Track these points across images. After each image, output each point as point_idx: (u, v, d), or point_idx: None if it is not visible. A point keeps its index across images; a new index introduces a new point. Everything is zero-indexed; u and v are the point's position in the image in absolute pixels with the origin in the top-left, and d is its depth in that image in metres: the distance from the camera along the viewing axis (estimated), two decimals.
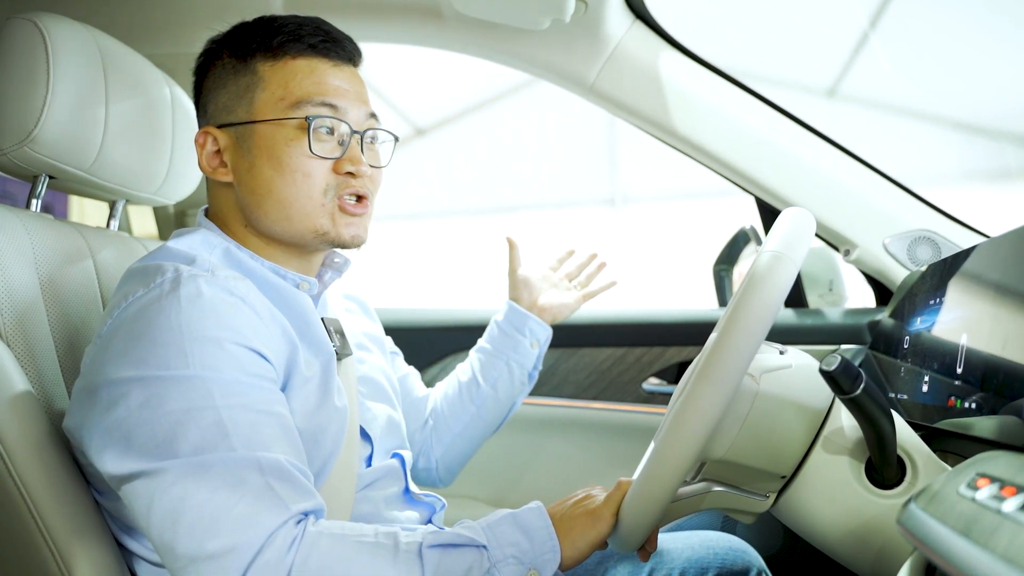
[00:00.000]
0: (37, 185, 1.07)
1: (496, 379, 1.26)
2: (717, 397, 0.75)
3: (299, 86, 0.94)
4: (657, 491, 0.79)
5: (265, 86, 0.95)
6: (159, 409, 0.78)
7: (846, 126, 4.62)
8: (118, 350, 0.82)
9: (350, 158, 0.95)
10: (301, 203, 0.93)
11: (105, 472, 0.80)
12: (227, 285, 0.85)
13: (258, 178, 0.94)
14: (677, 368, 1.58)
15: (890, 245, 1.39)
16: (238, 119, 0.95)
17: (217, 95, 0.97)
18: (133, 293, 0.84)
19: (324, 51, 0.96)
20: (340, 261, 1.04)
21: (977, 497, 0.56)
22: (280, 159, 0.93)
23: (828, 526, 0.86)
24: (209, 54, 1.00)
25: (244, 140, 0.95)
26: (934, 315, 1.03)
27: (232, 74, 0.96)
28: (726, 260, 1.69)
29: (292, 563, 0.74)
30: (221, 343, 0.81)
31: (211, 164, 0.97)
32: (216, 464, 0.76)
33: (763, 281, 0.76)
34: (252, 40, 0.96)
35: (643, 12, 1.42)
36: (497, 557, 0.81)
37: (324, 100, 0.94)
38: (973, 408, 0.83)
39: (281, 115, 0.93)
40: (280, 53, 0.95)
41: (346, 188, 0.95)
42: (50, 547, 0.84)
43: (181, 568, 0.75)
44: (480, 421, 1.26)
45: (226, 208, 0.98)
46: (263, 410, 0.81)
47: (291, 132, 0.93)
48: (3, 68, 1.00)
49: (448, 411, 1.26)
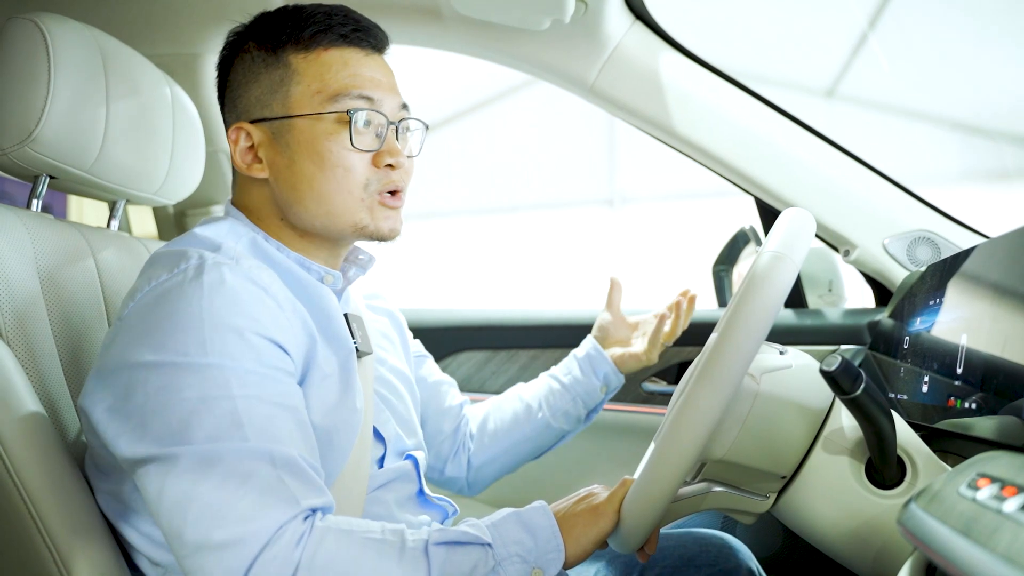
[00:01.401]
0: (38, 185, 1.07)
1: (558, 410, 1.25)
2: (717, 397, 0.75)
3: (335, 79, 0.93)
4: (658, 491, 0.80)
5: (300, 79, 0.93)
6: (175, 395, 0.78)
7: (845, 126, 4.63)
8: (138, 333, 0.81)
9: (388, 150, 0.94)
10: (343, 198, 0.93)
11: (119, 454, 0.80)
12: (250, 275, 0.85)
13: (298, 174, 0.93)
14: (677, 368, 1.58)
15: (889, 245, 1.40)
16: (274, 114, 0.94)
17: (248, 89, 0.96)
18: (156, 277, 0.84)
19: (356, 41, 0.95)
20: (365, 258, 1.04)
21: (978, 497, 0.56)
22: (321, 154, 0.92)
23: (828, 526, 0.86)
24: (233, 46, 0.98)
25: (281, 135, 0.93)
26: (934, 315, 1.03)
27: (263, 67, 0.95)
28: (725, 260, 1.70)
29: (300, 559, 0.74)
30: (241, 332, 0.81)
31: (245, 160, 0.95)
32: (228, 454, 0.76)
33: (763, 281, 0.77)
34: (281, 31, 0.94)
35: (643, 12, 1.42)
36: (502, 555, 0.82)
37: (361, 93, 0.93)
38: (973, 408, 0.84)
39: (319, 109, 0.92)
40: (312, 44, 0.93)
41: (386, 184, 0.94)
42: (48, 546, 0.84)
43: (187, 556, 0.75)
44: (528, 444, 1.26)
45: (259, 202, 0.97)
46: (279, 403, 0.81)
47: (330, 126, 0.92)
48: (4, 68, 1.00)
49: (501, 426, 1.25)
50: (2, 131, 1.00)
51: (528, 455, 1.27)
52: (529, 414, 1.25)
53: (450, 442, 1.24)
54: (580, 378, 1.26)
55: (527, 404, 1.26)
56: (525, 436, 1.25)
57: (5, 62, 1.00)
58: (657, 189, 5.52)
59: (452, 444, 1.24)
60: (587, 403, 1.26)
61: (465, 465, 1.25)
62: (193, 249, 0.86)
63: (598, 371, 1.26)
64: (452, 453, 1.24)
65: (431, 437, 1.23)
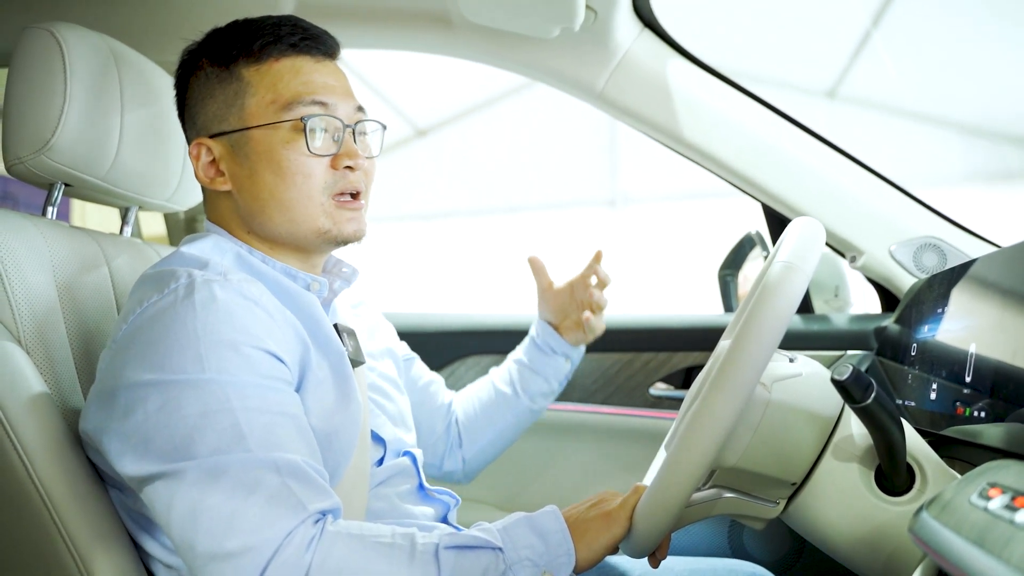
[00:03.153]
0: (53, 193, 1.08)
1: (533, 392, 1.31)
2: (731, 406, 0.76)
3: (287, 87, 0.95)
4: (670, 498, 0.80)
5: (254, 91, 0.95)
6: (176, 413, 0.79)
7: (846, 128, 4.63)
8: (135, 354, 0.83)
9: (346, 152, 0.96)
10: (303, 204, 0.95)
11: (124, 474, 0.81)
12: (240, 289, 0.86)
13: (259, 183, 0.95)
14: (684, 373, 1.59)
15: (896, 252, 1.40)
16: (231, 127, 0.96)
17: (205, 105, 0.98)
18: (148, 299, 0.86)
19: (306, 49, 0.97)
20: (348, 271, 1.06)
21: (989, 507, 0.57)
22: (279, 162, 0.94)
23: (838, 533, 0.87)
24: (187, 65, 1.00)
25: (240, 147, 0.95)
26: (942, 323, 1.04)
27: (217, 82, 0.97)
28: (731, 265, 1.70)
29: (311, 562, 0.76)
30: (236, 346, 0.82)
31: (208, 175, 0.98)
32: (233, 465, 0.77)
33: (775, 292, 0.78)
34: (232, 46, 0.96)
35: (651, 20, 1.43)
36: (512, 559, 0.83)
37: (314, 99, 0.94)
38: (982, 416, 0.84)
39: (274, 118, 0.94)
40: (263, 56, 0.95)
41: (345, 185, 0.96)
42: (70, 550, 0.85)
43: (201, 566, 0.76)
44: (513, 428, 1.32)
45: (227, 216, 0.99)
46: (279, 411, 0.82)
47: (287, 134, 0.94)
48: (21, 77, 1.01)
49: (483, 417, 1.31)
50: (19, 140, 1.01)
51: (514, 437, 1.34)
52: (508, 401, 1.31)
53: (444, 439, 1.29)
54: (543, 358, 1.31)
55: (502, 392, 1.31)
56: (508, 424, 1.31)
57: (22, 71, 1.01)
58: (659, 190, 5.53)
59: (446, 441, 1.29)
60: (557, 377, 1.32)
61: (460, 459, 1.30)
62: (181, 268, 0.88)
63: (554, 347, 1.31)
64: (447, 449, 1.29)
65: (426, 436, 1.26)
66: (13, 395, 0.88)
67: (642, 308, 1.30)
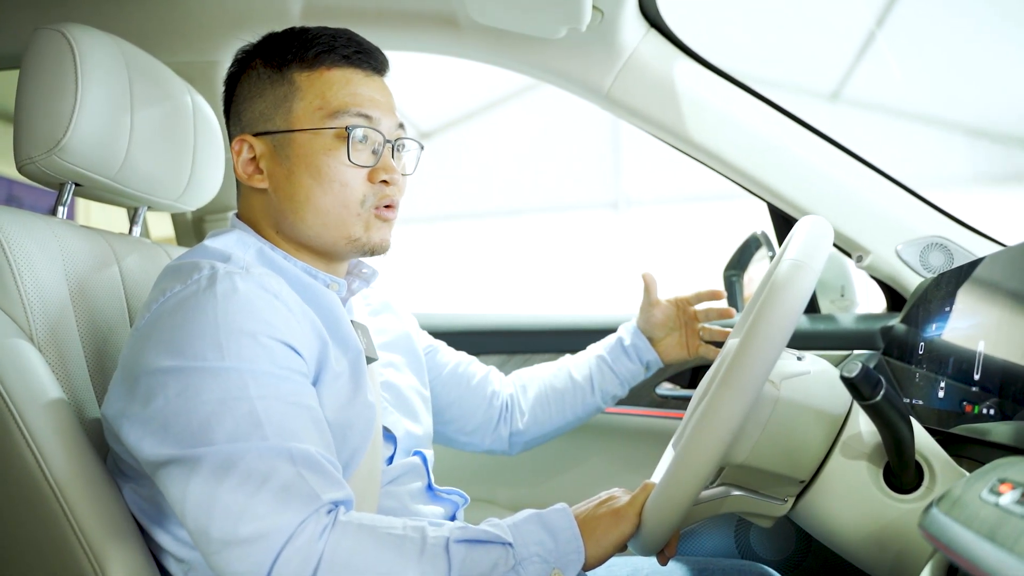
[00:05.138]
0: (64, 193, 1.08)
1: (607, 392, 1.33)
2: (740, 403, 0.76)
3: (335, 96, 0.97)
4: (679, 495, 0.81)
5: (303, 96, 0.97)
6: (195, 399, 0.80)
7: (850, 130, 4.63)
8: (156, 341, 0.84)
9: (384, 167, 0.98)
10: (338, 212, 0.97)
11: (142, 458, 0.83)
12: (261, 281, 0.87)
13: (296, 186, 0.97)
14: (691, 373, 1.59)
15: (902, 251, 1.40)
16: (276, 128, 0.98)
17: (253, 103, 0.99)
18: (171, 288, 0.87)
19: (357, 62, 0.99)
20: (368, 272, 1.07)
21: (1000, 502, 0.57)
22: (319, 168, 0.96)
23: (846, 530, 0.87)
24: (241, 63, 1.02)
25: (282, 148, 0.97)
26: (950, 321, 1.04)
27: (268, 83, 0.99)
28: (736, 265, 1.70)
29: (323, 550, 0.76)
30: (255, 336, 0.83)
31: (246, 171, 0.99)
32: (249, 453, 0.78)
33: (784, 289, 0.78)
34: (287, 50, 0.99)
35: (658, 21, 1.43)
36: (522, 555, 0.83)
37: (360, 111, 0.97)
38: (991, 414, 0.85)
39: (319, 124, 0.96)
40: (316, 64, 0.98)
41: (381, 198, 0.98)
42: (83, 545, 0.86)
43: (214, 552, 0.77)
44: (577, 422, 1.34)
45: (258, 213, 1.01)
46: (295, 402, 0.83)
47: (329, 141, 0.96)
48: (32, 78, 1.02)
49: (556, 405, 1.32)
50: (30, 140, 1.01)
51: (571, 428, 1.35)
52: (583, 396, 1.32)
53: (486, 419, 1.28)
54: (628, 364, 1.33)
55: (579, 384, 1.32)
56: (577, 416, 1.33)
57: (33, 72, 1.02)
58: (662, 192, 5.52)
59: (489, 420, 1.29)
60: (631, 382, 1.34)
61: (507, 437, 1.30)
62: (204, 260, 0.89)
63: (643, 358, 1.33)
64: (491, 428, 1.29)
65: (464, 419, 1.27)
66: (26, 392, 0.88)
67: None
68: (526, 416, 1.30)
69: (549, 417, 1.31)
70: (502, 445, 1.31)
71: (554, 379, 1.33)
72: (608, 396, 1.33)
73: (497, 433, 1.29)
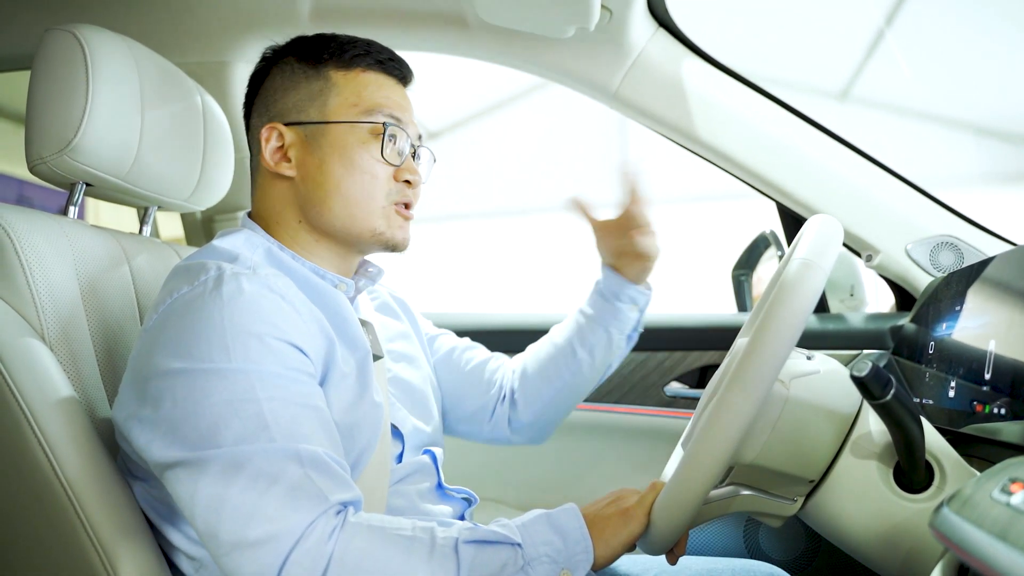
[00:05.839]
0: (75, 192, 1.09)
1: (594, 345, 1.20)
2: (750, 402, 0.76)
3: (371, 96, 1.01)
4: (689, 495, 0.81)
5: (339, 92, 1.01)
6: (203, 401, 0.80)
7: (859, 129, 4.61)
8: (164, 344, 0.84)
9: (408, 168, 1.02)
10: (365, 202, 0.99)
11: (151, 460, 0.83)
12: (268, 282, 0.88)
13: (327, 174, 0.99)
14: (699, 372, 1.59)
15: (912, 251, 1.40)
16: (310, 119, 1.00)
17: (287, 95, 1.02)
18: (178, 289, 0.87)
19: (390, 68, 1.04)
20: (374, 270, 1.08)
21: (1012, 502, 0.57)
22: (352, 159, 0.99)
23: (856, 530, 0.87)
24: (272, 59, 1.06)
25: (315, 138, 1.00)
26: (960, 321, 1.03)
27: (304, 77, 1.02)
28: (745, 265, 1.70)
29: (332, 552, 0.76)
30: (262, 338, 0.83)
31: (274, 158, 1.01)
32: (257, 455, 0.78)
33: (794, 288, 0.78)
34: (324, 50, 1.02)
35: (666, 20, 1.43)
36: (531, 555, 0.83)
37: (392, 113, 1.01)
38: (1002, 414, 0.84)
39: (356, 118, 1.00)
40: (352, 64, 1.02)
41: (403, 196, 1.02)
42: (94, 543, 0.86)
43: (224, 554, 0.77)
44: (573, 388, 1.22)
45: (279, 204, 1.02)
46: (302, 403, 0.83)
47: (364, 135, 1.00)
48: (44, 78, 1.02)
49: (539, 377, 1.22)
50: (42, 140, 1.02)
51: (576, 398, 1.24)
52: (565, 358, 1.21)
53: (482, 405, 1.23)
54: (607, 306, 1.20)
55: (560, 347, 1.22)
56: (565, 383, 1.21)
57: (45, 72, 1.02)
58: (668, 192, 5.52)
59: (485, 407, 1.23)
60: (621, 329, 1.21)
61: (506, 423, 1.23)
62: (211, 261, 0.90)
63: (619, 294, 1.20)
64: (488, 415, 1.23)
65: (460, 406, 1.22)
66: (38, 391, 0.89)
67: (656, 308, 1.28)
68: (519, 396, 1.23)
69: (538, 390, 1.21)
70: (503, 432, 1.23)
71: (539, 348, 1.25)
72: (596, 348, 1.20)
73: (496, 420, 1.23)
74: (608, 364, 1.24)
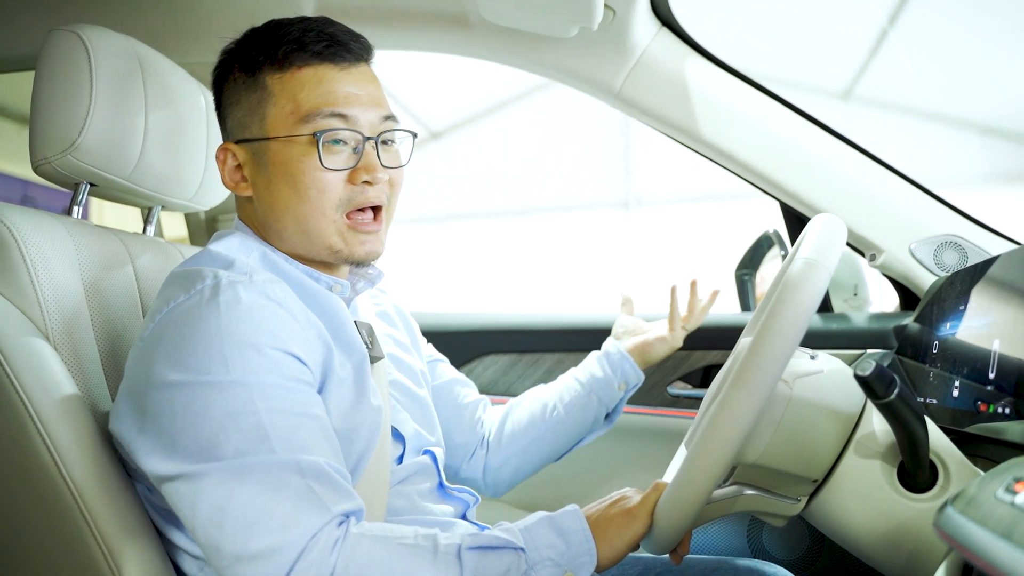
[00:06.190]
0: (79, 192, 1.09)
1: (575, 409, 1.24)
2: (753, 402, 0.76)
3: (307, 98, 0.93)
4: (692, 494, 0.81)
5: (275, 101, 0.94)
6: (202, 414, 0.80)
7: (863, 128, 4.61)
8: (161, 354, 0.84)
9: (364, 167, 0.94)
10: (316, 219, 0.94)
11: (150, 472, 0.82)
12: (264, 290, 0.87)
13: (275, 194, 0.95)
14: (702, 372, 1.59)
15: (916, 250, 1.40)
16: (252, 135, 0.96)
17: (233, 111, 0.98)
18: (174, 298, 0.87)
19: (330, 57, 0.94)
20: (374, 273, 1.05)
21: (1016, 501, 0.57)
22: (294, 175, 0.93)
23: (860, 529, 0.87)
24: (222, 67, 1.00)
25: (260, 156, 0.95)
26: (964, 320, 1.03)
27: (244, 90, 0.96)
28: (748, 264, 1.70)
29: (335, 563, 0.76)
30: (260, 348, 0.83)
31: (232, 179, 0.98)
32: (258, 466, 0.78)
33: (797, 288, 0.78)
34: (259, 52, 0.95)
35: (669, 19, 1.43)
36: (534, 559, 0.83)
37: (334, 111, 0.93)
38: (1007, 413, 0.84)
39: (292, 131, 0.93)
40: (286, 64, 0.94)
41: (362, 201, 0.95)
42: (99, 544, 0.87)
43: (227, 567, 0.77)
44: (543, 444, 1.24)
45: (252, 221, 1.00)
46: (302, 413, 0.83)
47: (303, 147, 0.93)
48: (47, 79, 1.02)
49: (517, 427, 1.25)
50: (46, 140, 1.02)
51: (545, 456, 1.26)
52: (544, 413, 1.24)
53: (465, 442, 1.24)
54: (599, 375, 1.25)
55: (543, 403, 1.25)
56: (540, 435, 1.24)
57: (48, 73, 1.03)
58: (672, 192, 5.51)
59: (468, 444, 1.24)
60: (605, 401, 1.25)
61: (481, 467, 1.25)
62: (208, 268, 0.88)
63: (616, 368, 1.25)
64: (468, 454, 1.25)
65: (446, 437, 1.23)
66: (43, 392, 0.89)
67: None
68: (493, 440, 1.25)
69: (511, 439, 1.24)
70: (477, 475, 1.24)
71: (522, 401, 1.28)
72: (574, 410, 1.23)
73: (474, 461, 1.24)
74: (581, 433, 1.26)
